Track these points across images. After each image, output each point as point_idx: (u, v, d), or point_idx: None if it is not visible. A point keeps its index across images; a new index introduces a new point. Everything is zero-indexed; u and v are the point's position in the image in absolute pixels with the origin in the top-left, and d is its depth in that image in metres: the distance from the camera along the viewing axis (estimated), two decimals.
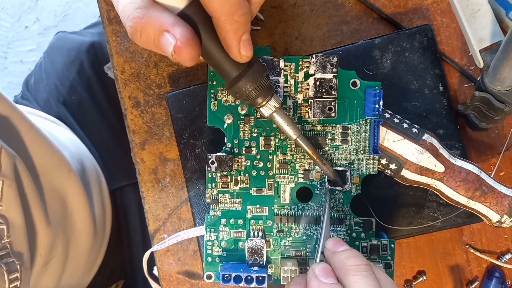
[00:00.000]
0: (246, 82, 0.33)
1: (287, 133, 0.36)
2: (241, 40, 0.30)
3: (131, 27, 0.30)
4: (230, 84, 0.33)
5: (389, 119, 0.39)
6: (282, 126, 0.36)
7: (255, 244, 0.39)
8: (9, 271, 0.40)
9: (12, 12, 1.39)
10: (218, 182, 0.40)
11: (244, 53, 0.31)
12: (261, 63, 0.34)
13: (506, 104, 0.36)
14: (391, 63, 0.42)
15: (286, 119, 0.36)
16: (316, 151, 0.38)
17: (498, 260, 0.44)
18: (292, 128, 0.36)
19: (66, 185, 0.54)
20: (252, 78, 0.33)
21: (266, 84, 0.34)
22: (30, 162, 0.47)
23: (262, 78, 0.33)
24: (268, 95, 0.34)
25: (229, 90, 0.34)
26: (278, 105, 0.35)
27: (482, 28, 0.42)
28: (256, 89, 0.33)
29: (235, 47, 0.31)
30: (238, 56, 0.31)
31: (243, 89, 0.33)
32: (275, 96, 0.35)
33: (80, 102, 0.71)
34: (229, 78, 0.33)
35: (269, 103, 0.35)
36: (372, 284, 0.29)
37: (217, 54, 0.32)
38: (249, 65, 0.33)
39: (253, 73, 0.33)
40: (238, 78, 0.33)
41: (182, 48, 0.29)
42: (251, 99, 0.34)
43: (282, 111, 0.36)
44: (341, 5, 0.44)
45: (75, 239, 0.56)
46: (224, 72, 0.33)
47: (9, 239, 0.41)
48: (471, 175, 0.38)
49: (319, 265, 0.32)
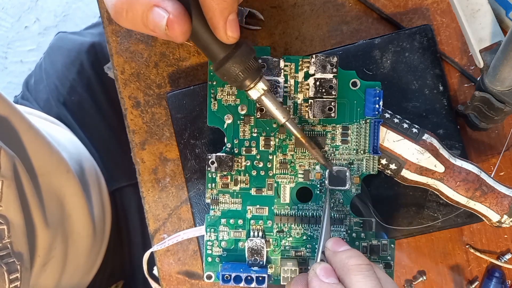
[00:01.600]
0: (234, 64, 0.32)
1: (276, 116, 0.36)
2: (228, 20, 0.30)
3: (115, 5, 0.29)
4: (217, 65, 0.33)
5: (389, 119, 0.39)
6: (270, 110, 0.36)
7: (255, 244, 0.39)
8: (9, 271, 0.40)
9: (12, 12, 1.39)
10: (218, 182, 0.40)
11: (230, 34, 0.30)
12: (249, 44, 0.33)
13: (506, 104, 0.36)
14: (391, 63, 0.42)
15: (274, 102, 0.36)
16: (305, 135, 0.37)
17: (498, 260, 0.44)
18: (281, 112, 0.36)
19: (65, 186, 0.54)
20: (239, 59, 0.32)
21: (254, 66, 0.33)
22: (29, 163, 0.47)
23: (249, 59, 0.33)
24: (256, 77, 0.34)
25: (217, 72, 0.33)
26: (267, 88, 0.35)
27: (482, 28, 0.42)
28: (243, 71, 0.33)
29: (221, 27, 0.30)
30: (225, 37, 0.31)
31: (231, 70, 0.33)
32: (264, 79, 0.35)
33: (80, 103, 0.71)
34: (216, 59, 0.33)
35: (257, 86, 0.34)
36: (374, 283, 0.29)
37: (204, 35, 0.31)
38: (236, 46, 0.32)
39: (241, 54, 0.32)
40: (225, 60, 0.32)
41: (174, 22, 0.28)
42: (238, 81, 0.33)
43: (271, 94, 0.35)
44: (341, 5, 0.44)
45: (74, 240, 0.56)
46: (211, 53, 0.32)
47: (9, 239, 0.41)
48: (471, 175, 0.38)
49: (320, 265, 0.32)
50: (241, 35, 0.44)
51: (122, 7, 0.29)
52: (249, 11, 0.43)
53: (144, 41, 0.45)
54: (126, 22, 0.30)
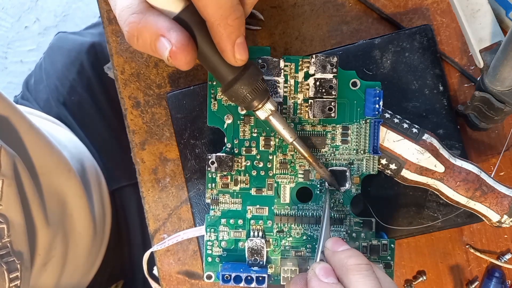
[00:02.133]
0: (242, 86, 0.33)
1: (283, 136, 0.36)
2: (236, 44, 0.30)
3: (128, 32, 0.30)
4: (226, 87, 0.33)
5: (389, 119, 0.39)
6: (278, 129, 0.36)
7: (255, 244, 0.39)
8: (9, 270, 0.40)
9: (12, 12, 1.39)
10: (218, 182, 0.40)
11: (238, 57, 0.31)
12: (257, 66, 0.34)
13: (506, 104, 0.36)
14: (391, 63, 0.42)
15: (282, 122, 0.36)
16: (312, 154, 0.38)
17: (498, 260, 0.44)
18: (288, 131, 0.36)
19: (66, 185, 0.54)
20: (247, 81, 0.33)
21: (261, 87, 0.34)
22: (29, 162, 0.47)
23: (257, 81, 0.33)
24: (263, 98, 0.34)
25: (225, 93, 0.34)
26: (274, 108, 0.35)
27: (482, 28, 0.42)
28: (251, 92, 0.33)
29: (229, 51, 0.31)
30: (233, 60, 0.31)
31: (239, 92, 0.33)
32: (271, 99, 0.35)
33: (80, 103, 0.71)
34: (225, 81, 0.33)
35: (265, 106, 0.35)
36: (373, 283, 0.29)
37: (213, 58, 0.32)
38: (245, 68, 0.33)
39: (248, 76, 0.33)
40: (234, 82, 0.33)
41: (177, 53, 0.29)
42: (246, 102, 0.34)
43: (278, 114, 0.36)
44: (341, 5, 0.44)
45: (74, 239, 0.56)
46: (220, 75, 0.33)
47: (9, 238, 0.41)
48: (471, 175, 0.38)
49: (320, 264, 0.32)
50: None
51: (133, 34, 0.30)
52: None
53: None
54: (138, 47, 0.31)
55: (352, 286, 0.30)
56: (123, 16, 0.30)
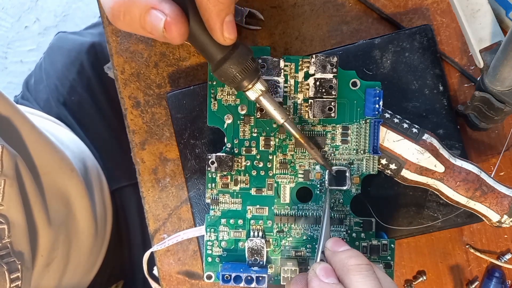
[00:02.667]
0: (231, 65, 0.32)
1: (274, 117, 0.36)
2: (224, 22, 0.30)
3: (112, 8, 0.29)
4: (215, 67, 0.33)
5: (389, 119, 0.39)
6: (269, 110, 0.36)
7: (255, 244, 0.39)
8: (10, 271, 0.40)
9: (12, 12, 1.39)
10: (218, 182, 0.40)
11: (227, 35, 0.30)
12: (247, 45, 0.33)
13: (506, 104, 0.36)
14: (391, 63, 0.42)
15: (273, 103, 0.36)
16: (304, 135, 0.37)
17: (498, 260, 0.44)
18: (279, 112, 0.36)
19: (69, 185, 0.54)
20: (236, 60, 0.32)
21: (251, 67, 0.33)
22: (31, 162, 0.47)
23: (247, 60, 0.33)
24: (254, 78, 0.34)
25: (215, 73, 0.33)
26: (265, 88, 0.35)
27: (482, 28, 0.42)
28: (241, 72, 0.33)
29: (218, 29, 0.30)
30: (222, 39, 0.31)
31: (228, 72, 0.33)
32: (262, 79, 0.35)
33: (80, 103, 0.71)
34: (214, 61, 0.33)
35: (255, 87, 0.34)
36: (373, 283, 0.29)
37: (201, 36, 0.31)
38: (234, 47, 0.32)
39: (238, 55, 0.32)
40: (223, 61, 0.32)
41: (172, 24, 0.29)
42: (236, 82, 0.33)
43: (269, 95, 0.35)
44: (341, 5, 0.44)
45: (77, 240, 0.56)
46: (209, 55, 0.33)
47: (9, 239, 0.41)
48: (471, 175, 0.38)
49: (320, 264, 0.32)
50: (241, 35, 0.45)
51: (119, 10, 0.29)
52: (249, 11, 0.43)
53: (144, 41, 0.45)
54: (124, 25, 0.30)
55: (352, 286, 0.30)
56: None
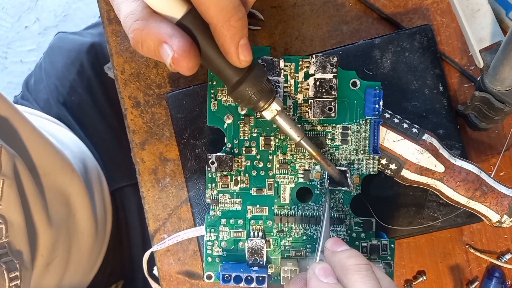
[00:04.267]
0: (247, 87, 0.33)
1: (290, 135, 0.36)
2: (239, 45, 0.30)
3: (133, 38, 0.31)
4: (231, 89, 0.33)
5: (389, 119, 0.39)
6: (285, 129, 0.36)
7: (255, 244, 0.39)
8: (9, 270, 0.40)
9: (12, 12, 1.39)
10: (218, 182, 0.40)
11: (243, 58, 0.31)
12: (261, 67, 0.34)
13: (506, 104, 0.36)
14: (391, 63, 0.42)
15: (288, 122, 0.36)
16: (320, 152, 0.37)
17: (498, 260, 0.44)
18: (295, 131, 0.36)
19: (69, 185, 0.54)
20: (252, 82, 0.33)
21: (267, 88, 0.34)
22: (30, 163, 0.47)
23: (262, 82, 0.33)
24: (269, 99, 0.34)
25: (231, 95, 0.34)
26: (280, 108, 0.35)
27: (482, 28, 0.42)
28: (256, 93, 0.33)
29: (233, 52, 0.31)
30: (237, 62, 0.31)
31: (244, 94, 0.33)
32: (277, 99, 0.35)
33: (80, 103, 0.71)
34: (230, 83, 0.33)
35: (271, 107, 0.35)
36: (372, 283, 0.29)
37: (217, 60, 0.32)
38: (249, 69, 0.33)
39: (253, 77, 0.33)
40: (239, 83, 0.33)
41: (179, 60, 0.29)
42: (252, 103, 0.34)
43: (285, 114, 0.36)
44: (341, 5, 0.44)
45: (77, 240, 0.56)
46: (225, 78, 0.33)
47: (7, 238, 0.41)
48: (471, 175, 0.38)
49: (319, 264, 0.32)
50: None
51: (137, 40, 0.30)
52: (249, 11, 0.43)
53: None
54: (143, 53, 0.31)
55: (351, 286, 0.30)
56: (128, 22, 0.31)
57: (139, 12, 0.30)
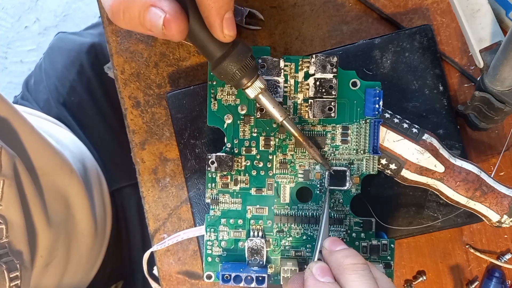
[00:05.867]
0: (230, 63, 0.32)
1: (273, 115, 0.36)
2: (224, 18, 0.30)
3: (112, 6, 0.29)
4: (215, 64, 0.33)
5: (389, 119, 0.39)
6: (268, 108, 0.36)
7: (255, 244, 0.39)
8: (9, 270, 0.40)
9: (12, 12, 1.39)
10: (218, 182, 0.40)
11: (227, 32, 0.30)
12: (245, 43, 0.33)
13: (506, 104, 0.36)
14: (391, 63, 0.42)
15: (272, 101, 0.36)
16: (303, 134, 0.37)
17: (498, 260, 0.44)
18: (278, 110, 0.36)
19: (68, 186, 0.54)
20: (236, 58, 0.32)
21: (251, 65, 0.33)
22: (30, 164, 0.47)
23: (246, 58, 0.33)
24: (253, 76, 0.34)
25: (214, 71, 0.33)
26: (264, 86, 0.35)
27: (482, 28, 0.42)
28: (240, 69, 0.33)
29: (218, 25, 0.30)
30: (221, 35, 0.31)
31: (228, 69, 0.33)
32: (261, 77, 0.35)
33: (80, 103, 0.71)
34: (213, 58, 0.33)
35: (254, 84, 0.34)
36: (369, 283, 0.29)
37: (201, 33, 0.31)
38: (233, 45, 0.32)
39: (237, 53, 0.32)
40: (222, 59, 0.32)
41: (171, 21, 0.29)
42: (235, 80, 0.34)
43: (268, 93, 0.36)
44: (341, 5, 0.44)
45: (76, 240, 0.56)
46: (208, 52, 0.33)
47: (7, 238, 0.41)
48: (471, 175, 0.38)
49: (316, 264, 0.32)
50: (241, 35, 0.45)
51: (119, 8, 0.29)
52: (249, 11, 0.43)
53: (144, 41, 0.45)
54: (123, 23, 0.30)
55: (348, 286, 0.30)
56: None
57: None
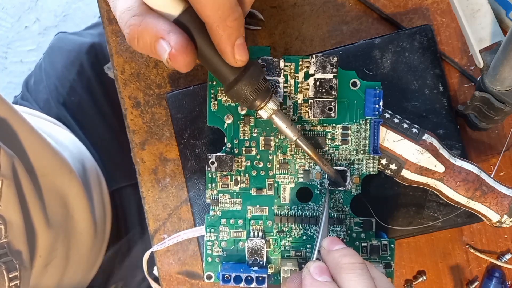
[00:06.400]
0: (243, 86, 0.33)
1: (286, 134, 0.37)
2: (235, 45, 0.30)
3: (128, 34, 0.31)
4: (227, 88, 0.33)
5: (389, 119, 0.39)
6: (281, 128, 0.36)
7: (255, 244, 0.39)
8: (9, 270, 0.40)
9: (12, 12, 1.39)
10: (218, 182, 0.40)
11: (239, 58, 0.31)
12: (258, 66, 0.34)
13: (506, 104, 0.36)
14: (391, 63, 0.42)
15: (285, 121, 0.36)
16: (317, 152, 0.38)
17: (498, 260, 0.44)
18: (291, 130, 0.36)
19: (67, 186, 0.54)
20: (248, 82, 0.33)
21: (263, 87, 0.34)
22: (29, 164, 0.47)
23: (258, 81, 0.33)
24: (265, 98, 0.34)
25: (227, 94, 0.34)
26: (276, 107, 0.35)
27: (482, 28, 0.42)
28: (252, 92, 0.33)
29: (229, 52, 0.31)
30: (233, 61, 0.31)
31: (240, 92, 0.33)
32: (274, 98, 0.35)
33: (80, 103, 0.71)
34: (226, 82, 0.33)
35: (267, 106, 0.35)
36: (366, 282, 0.29)
37: (213, 59, 0.32)
38: (246, 68, 0.33)
39: (249, 76, 0.33)
40: (235, 82, 0.33)
41: (176, 55, 0.29)
42: (248, 102, 0.34)
43: (281, 113, 0.36)
44: (341, 5, 0.44)
45: (76, 241, 0.56)
46: (221, 76, 0.33)
47: (6, 239, 0.41)
48: (471, 175, 0.38)
49: (314, 263, 0.32)
50: None
51: (134, 36, 0.31)
52: (249, 11, 0.43)
53: None
54: (138, 48, 0.31)
55: (345, 285, 0.30)
56: (124, 18, 0.31)
57: (136, 8, 0.30)
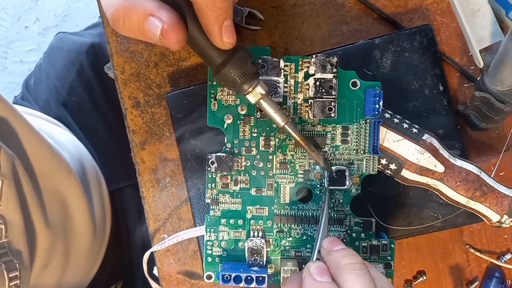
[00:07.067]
0: (231, 69, 0.32)
1: (274, 119, 0.36)
2: (223, 26, 0.30)
3: (112, 14, 0.30)
4: (215, 71, 0.33)
5: (389, 119, 0.39)
6: (269, 113, 0.36)
7: (255, 244, 0.39)
8: (9, 270, 0.40)
9: (12, 12, 1.39)
10: (218, 182, 0.40)
11: (226, 40, 0.31)
12: (247, 49, 0.33)
13: (506, 104, 0.36)
14: (391, 63, 0.42)
15: (273, 106, 0.36)
16: (304, 138, 0.37)
17: (498, 260, 0.44)
18: (279, 115, 0.36)
19: (66, 187, 0.54)
20: (236, 65, 0.32)
21: (251, 71, 0.33)
22: (28, 164, 0.47)
23: (246, 64, 0.33)
24: (253, 82, 0.34)
25: (215, 77, 0.33)
26: (264, 92, 0.35)
27: (482, 28, 0.42)
28: (240, 76, 0.33)
29: (217, 33, 0.30)
30: (221, 43, 0.31)
31: (228, 76, 0.33)
32: (262, 83, 0.35)
33: (79, 103, 0.71)
34: (214, 65, 0.33)
35: (255, 90, 0.34)
36: (366, 283, 0.29)
37: (201, 41, 0.31)
38: (234, 51, 0.32)
39: (238, 59, 0.32)
40: (223, 65, 0.32)
41: (169, 31, 0.29)
42: (236, 86, 0.34)
43: (269, 98, 0.36)
44: (341, 5, 0.44)
45: (75, 241, 0.56)
46: (209, 59, 0.33)
47: (7, 238, 0.41)
48: (471, 175, 0.38)
49: (314, 263, 0.32)
50: (241, 35, 0.45)
51: (119, 16, 0.30)
52: (249, 11, 0.43)
53: (144, 41, 0.45)
54: (123, 30, 0.31)
55: (345, 285, 0.30)
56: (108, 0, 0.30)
57: None
